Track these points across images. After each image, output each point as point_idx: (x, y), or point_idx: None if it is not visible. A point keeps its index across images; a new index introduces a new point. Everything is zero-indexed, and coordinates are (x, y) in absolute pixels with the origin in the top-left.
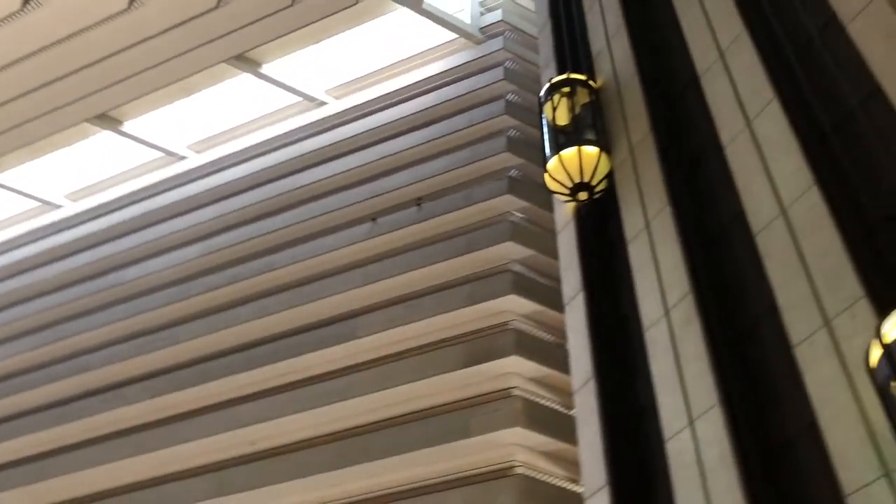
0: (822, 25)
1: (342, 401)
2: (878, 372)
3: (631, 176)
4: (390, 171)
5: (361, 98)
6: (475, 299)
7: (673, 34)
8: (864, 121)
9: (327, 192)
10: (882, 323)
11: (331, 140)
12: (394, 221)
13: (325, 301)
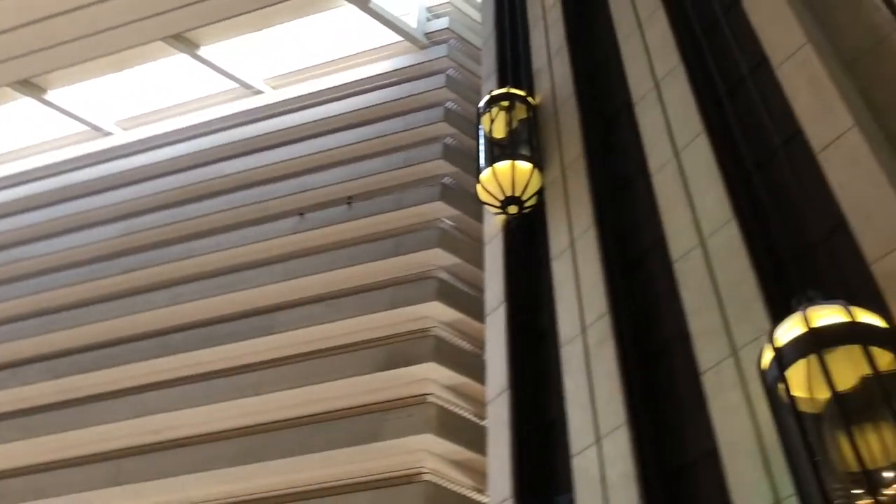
0: (754, 66)
1: (254, 396)
2: (768, 373)
3: (561, 194)
4: (322, 167)
5: (299, 91)
6: (397, 303)
7: (612, 59)
8: (785, 161)
9: (255, 182)
10: (776, 328)
11: (263, 130)
12: (322, 218)
13: (244, 293)
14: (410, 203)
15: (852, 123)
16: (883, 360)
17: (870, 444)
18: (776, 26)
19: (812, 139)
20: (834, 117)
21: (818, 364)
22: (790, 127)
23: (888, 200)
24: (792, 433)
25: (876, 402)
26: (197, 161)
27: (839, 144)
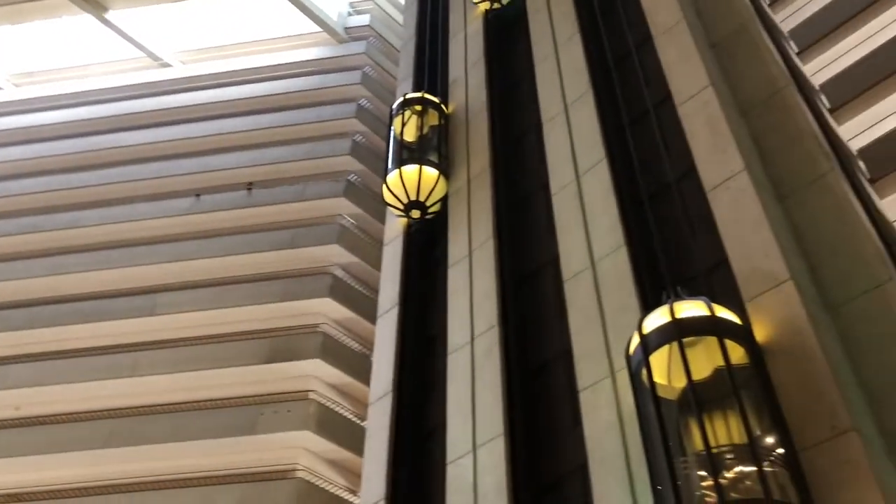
0: (659, 101)
1: (127, 377)
2: (633, 358)
3: (464, 204)
4: (225, 150)
5: (210, 69)
6: (289, 296)
7: (526, 78)
8: (677, 196)
9: (153, 157)
10: (644, 318)
11: (167, 104)
12: (219, 201)
13: (129, 270)
14: (313, 196)
15: (742, 167)
16: (736, 353)
17: (717, 430)
18: (683, 67)
19: (704, 177)
20: (726, 159)
21: (678, 351)
22: (685, 163)
23: (767, 244)
24: (650, 417)
25: (726, 392)
26: (90, 128)
27: (728, 186)
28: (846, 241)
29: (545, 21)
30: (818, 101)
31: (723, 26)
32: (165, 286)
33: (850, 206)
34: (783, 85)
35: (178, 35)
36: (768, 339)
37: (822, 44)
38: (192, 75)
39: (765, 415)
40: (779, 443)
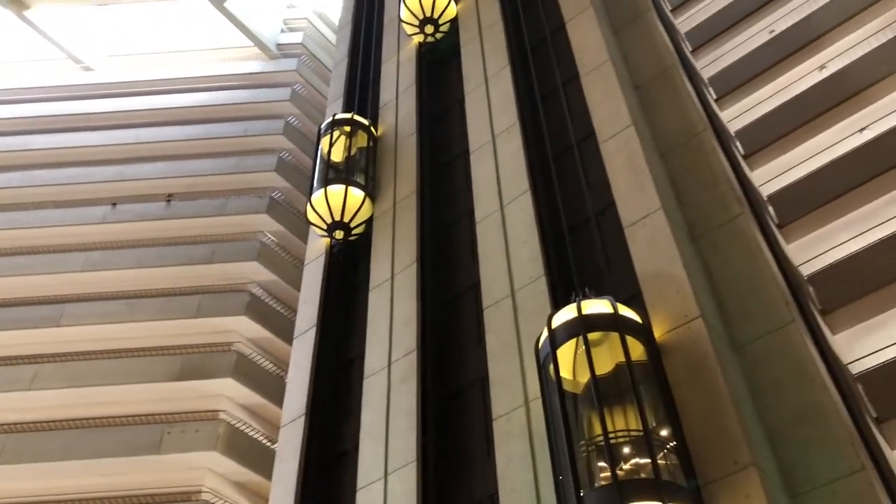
0: (583, 137)
1: (25, 390)
2: (541, 350)
3: (389, 227)
4: (146, 159)
5: (135, 75)
6: (203, 312)
7: (456, 107)
8: (596, 230)
9: (67, 162)
10: (554, 314)
11: (86, 109)
12: (136, 212)
13: (35, 278)
14: (234, 211)
15: (659, 206)
16: (636, 350)
17: (615, 422)
18: (607, 106)
19: (623, 214)
20: (644, 197)
21: (583, 345)
22: (606, 199)
23: (680, 281)
24: (555, 410)
25: (626, 386)
26: (2, 129)
27: (645, 223)
28: (754, 282)
29: (477, 53)
30: (733, 146)
31: (647, 69)
32: (74, 296)
33: (759, 249)
34: (701, 129)
35: (103, 39)
36: (677, 372)
37: (739, 92)
38: (115, 81)
39: (660, 407)
40: (671, 434)
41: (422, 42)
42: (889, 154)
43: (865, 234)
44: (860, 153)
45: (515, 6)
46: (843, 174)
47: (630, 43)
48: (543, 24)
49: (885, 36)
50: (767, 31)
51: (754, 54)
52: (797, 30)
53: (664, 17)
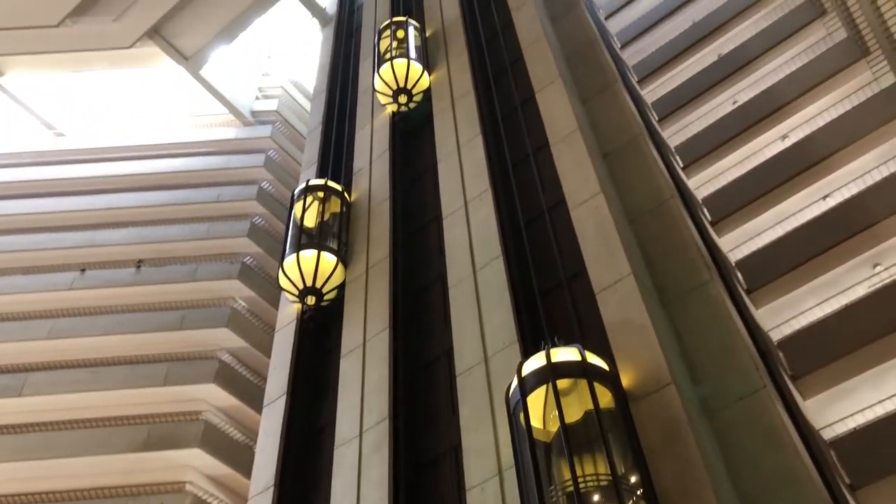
0: (553, 205)
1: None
2: (511, 398)
3: (361, 293)
4: (116, 224)
5: (108, 142)
6: (171, 380)
7: (430, 173)
8: (568, 294)
9: (36, 228)
10: (524, 363)
11: (57, 175)
12: (105, 278)
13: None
14: (206, 277)
15: (629, 272)
16: (604, 398)
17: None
18: (576, 173)
19: (594, 279)
20: (615, 263)
21: (553, 392)
22: (577, 264)
23: (651, 347)
24: (526, 458)
25: (594, 435)
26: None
27: (616, 289)
28: (725, 348)
29: (449, 121)
30: (701, 213)
31: (615, 138)
32: (38, 365)
33: (729, 314)
34: (669, 196)
35: (76, 105)
36: (650, 439)
37: (705, 160)
38: (87, 147)
39: (628, 455)
40: (639, 481)
41: (395, 111)
42: (850, 222)
43: (830, 300)
44: (823, 220)
45: (487, 78)
46: (807, 241)
47: (598, 112)
48: (514, 94)
49: (843, 107)
50: (731, 102)
51: (719, 124)
52: (760, 101)
53: (631, 88)
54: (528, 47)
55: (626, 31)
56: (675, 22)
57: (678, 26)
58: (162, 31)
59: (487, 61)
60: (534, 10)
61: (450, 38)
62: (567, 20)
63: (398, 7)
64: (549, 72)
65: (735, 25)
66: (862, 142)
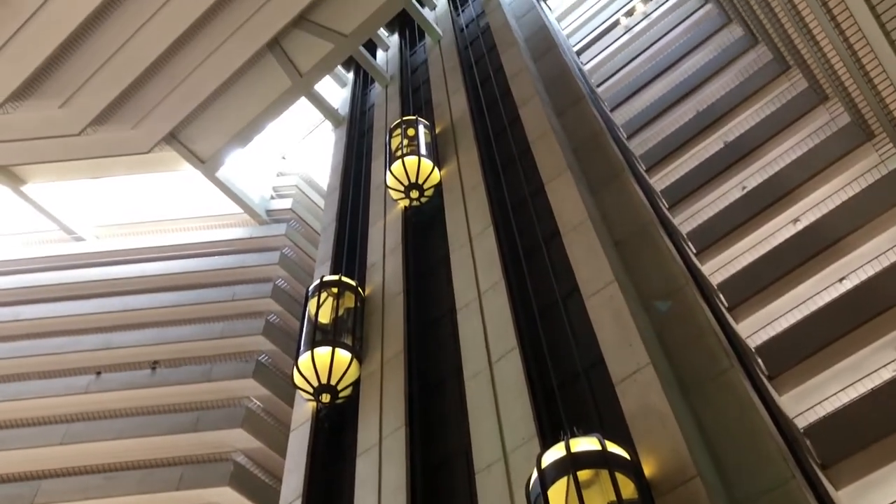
0: (567, 293)
1: None
2: (532, 491)
3: (376, 389)
4: (131, 326)
5: (125, 244)
6: (186, 484)
7: (443, 265)
8: (585, 385)
9: (53, 332)
10: (543, 454)
11: (76, 278)
12: (120, 380)
13: (12, 453)
14: (220, 376)
15: (648, 361)
16: (627, 489)
17: None
18: (589, 262)
19: (612, 370)
20: (632, 352)
21: (574, 484)
22: (594, 354)
23: (674, 439)
24: None
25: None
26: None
27: (635, 379)
28: (749, 437)
29: (460, 213)
30: (717, 299)
31: (625, 226)
32: (50, 472)
33: (752, 402)
34: (683, 283)
35: (95, 209)
36: None
37: (717, 246)
38: (104, 250)
39: None
40: None
41: (407, 206)
42: (869, 304)
43: (856, 384)
44: (842, 303)
45: (496, 170)
46: (827, 324)
47: (608, 201)
48: (523, 185)
49: (852, 190)
50: (740, 188)
51: (729, 209)
52: (768, 185)
53: (639, 176)
54: (535, 140)
55: (631, 121)
56: (680, 112)
57: (682, 116)
58: (179, 136)
59: (496, 155)
60: (539, 104)
61: (459, 134)
62: (572, 113)
63: (408, 106)
64: (557, 163)
65: (739, 113)
66: (874, 223)
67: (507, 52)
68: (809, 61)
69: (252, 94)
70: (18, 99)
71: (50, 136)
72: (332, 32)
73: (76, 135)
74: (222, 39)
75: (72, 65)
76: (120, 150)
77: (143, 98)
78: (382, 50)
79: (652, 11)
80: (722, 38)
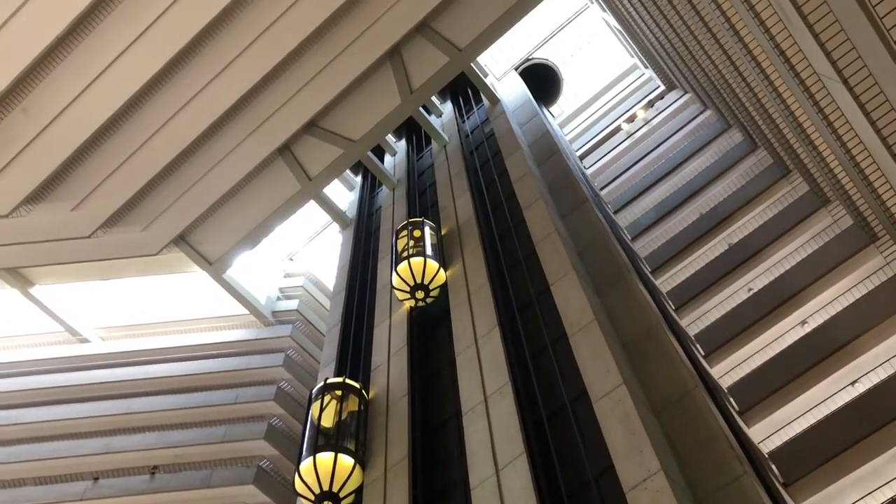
0: (575, 397)
1: None
2: None
3: (380, 497)
4: (131, 430)
5: (130, 346)
6: None
7: (448, 367)
8: (595, 493)
9: (51, 436)
10: None
11: (80, 380)
12: (119, 486)
13: None
14: (220, 482)
15: (659, 468)
16: None
17: None
18: (596, 365)
19: (622, 477)
20: (643, 459)
21: None
22: (603, 460)
23: None
24: None
25: None
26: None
27: (646, 486)
28: None
29: (466, 315)
30: (727, 403)
31: (632, 328)
32: None
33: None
34: (692, 386)
35: (100, 311)
36: None
37: (726, 349)
38: (109, 352)
39: None
40: None
41: (413, 306)
42: (884, 409)
43: (875, 492)
44: (856, 407)
45: (501, 272)
46: (842, 429)
47: (614, 303)
48: (529, 287)
49: (858, 292)
50: (746, 290)
51: (736, 311)
52: (774, 287)
53: (644, 277)
54: (540, 242)
55: (635, 224)
56: (683, 214)
57: (686, 218)
58: (188, 238)
59: (501, 256)
60: (544, 207)
61: (464, 236)
62: (576, 216)
63: (415, 209)
64: (562, 264)
65: (741, 216)
66: (883, 325)
67: (512, 157)
68: (809, 166)
69: (261, 197)
70: (33, 202)
71: (61, 239)
72: (341, 138)
73: (87, 237)
74: (234, 144)
75: (85, 168)
76: (129, 252)
77: (154, 201)
78: (390, 154)
79: (652, 118)
80: (722, 142)
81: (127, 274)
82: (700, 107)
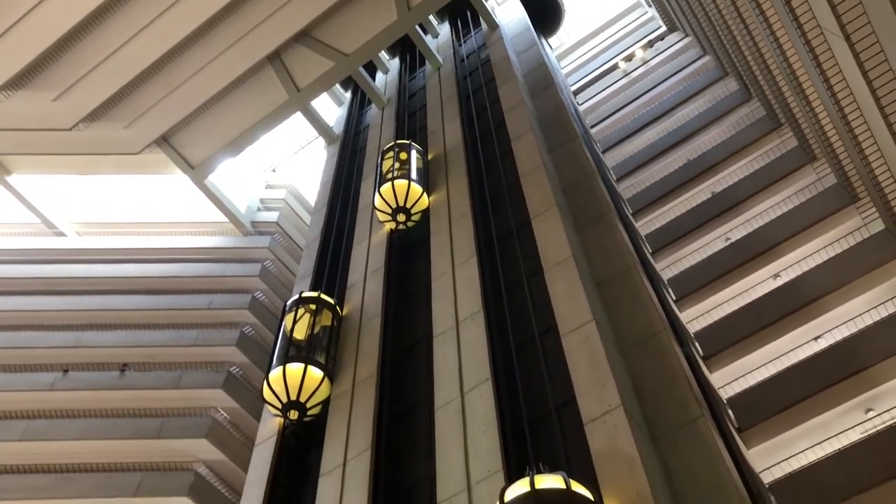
0: (544, 330)
1: None
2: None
3: (345, 410)
4: (103, 326)
5: (106, 243)
6: (144, 491)
7: (423, 291)
8: (556, 422)
9: (25, 325)
10: (507, 488)
11: (52, 273)
12: (87, 380)
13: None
14: (189, 385)
15: (619, 403)
16: None
17: None
18: (569, 301)
19: (583, 409)
20: (604, 393)
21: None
22: (566, 392)
23: (639, 481)
24: None
25: None
26: None
27: (605, 420)
28: (715, 489)
29: (445, 242)
30: (693, 347)
31: (608, 268)
32: (6, 467)
33: (720, 453)
34: (660, 329)
35: (78, 206)
36: None
37: (697, 295)
38: (85, 247)
39: None
40: None
41: (393, 229)
42: (843, 365)
43: (823, 443)
44: (816, 362)
45: (485, 202)
46: (800, 381)
47: (592, 242)
48: (510, 219)
49: (833, 250)
50: (723, 239)
51: (711, 259)
52: (752, 239)
53: (625, 219)
54: (525, 175)
55: (622, 164)
56: (670, 159)
57: (673, 163)
58: (171, 139)
59: (486, 186)
60: (533, 140)
61: (451, 162)
62: (564, 152)
63: (403, 130)
64: (545, 199)
65: (728, 166)
66: (852, 285)
67: (505, 86)
68: (800, 120)
69: (248, 105)
70: (12, 88)
71: (41, 129)
72: (333, 51)
73: (67, 129)
74: (223, 48)
75: (69, 59)
76: (110, 148)
77: (138, 99)
78: (382, 72)
79: (651, 58)
80: (717, 90)
81: (106, 171)
82: (699, 51)
